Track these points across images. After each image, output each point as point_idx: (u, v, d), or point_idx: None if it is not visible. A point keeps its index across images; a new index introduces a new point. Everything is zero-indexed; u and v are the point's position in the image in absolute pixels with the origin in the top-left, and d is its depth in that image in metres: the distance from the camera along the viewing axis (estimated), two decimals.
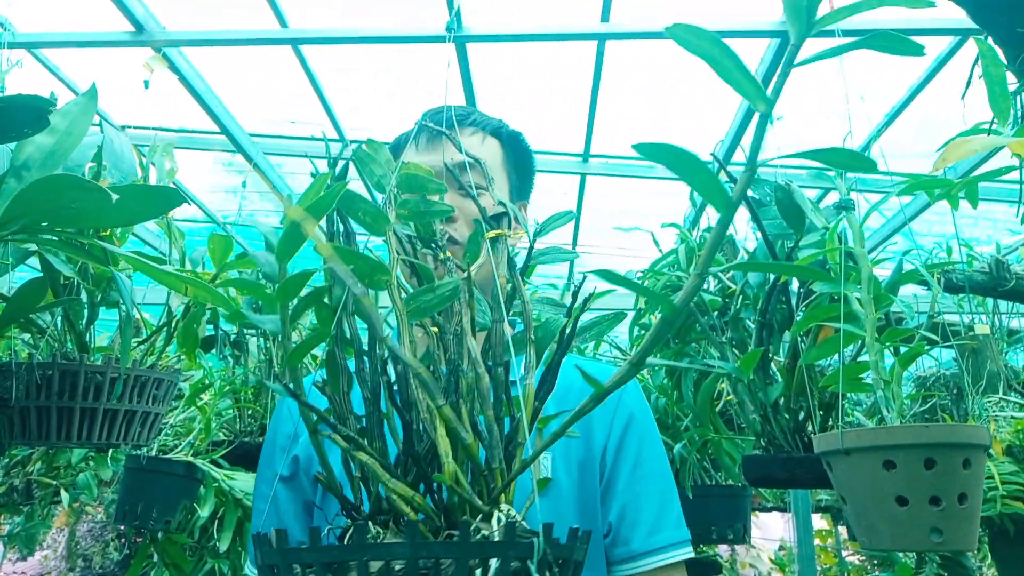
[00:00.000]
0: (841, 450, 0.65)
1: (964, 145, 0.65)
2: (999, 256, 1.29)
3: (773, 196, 0.96)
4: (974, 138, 0.68)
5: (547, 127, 3.10)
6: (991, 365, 1.68)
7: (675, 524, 0.89)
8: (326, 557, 0.41)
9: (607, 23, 2.26)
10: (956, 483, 0.59)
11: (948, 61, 2.36)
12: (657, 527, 0.87)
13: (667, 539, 0.87)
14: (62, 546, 4.54)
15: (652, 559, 0.85)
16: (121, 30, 2.21)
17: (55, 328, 1.09)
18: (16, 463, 1.98)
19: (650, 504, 0.88)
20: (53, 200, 0.56)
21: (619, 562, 0.86)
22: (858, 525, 0.66)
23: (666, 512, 0.89)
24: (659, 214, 3.33)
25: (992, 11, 0.97)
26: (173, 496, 1.70)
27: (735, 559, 4.11)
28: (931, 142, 0.87)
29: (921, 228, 3.45)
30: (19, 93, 0.57)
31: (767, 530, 5.35)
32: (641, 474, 0.90)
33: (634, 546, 0.86)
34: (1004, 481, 1.19)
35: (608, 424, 0.92)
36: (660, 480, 0.91)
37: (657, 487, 0.90)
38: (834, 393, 0.89)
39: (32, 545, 2.84)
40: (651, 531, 0.87)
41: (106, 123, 1.08)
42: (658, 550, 0.86)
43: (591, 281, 0.58)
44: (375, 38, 2.14)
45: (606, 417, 0.92)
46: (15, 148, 0.66)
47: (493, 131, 1.01)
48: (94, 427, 1.05)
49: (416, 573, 0.40)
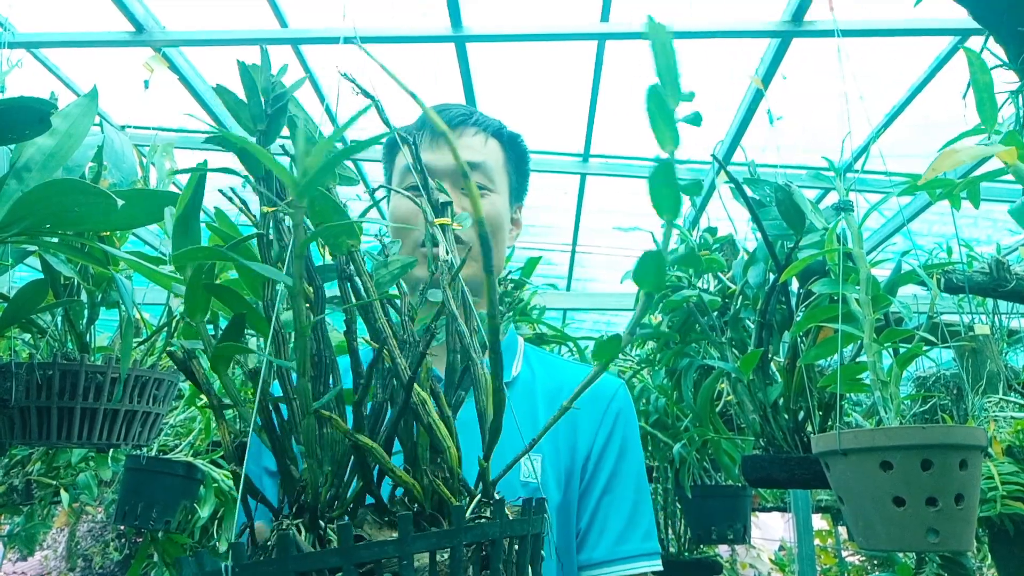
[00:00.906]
0: (839, 451, 0.65)
1: (953, 155, 0.65)
2: (999, 256, 1.29)
3: (773, 197, 0.96)
4: (962, 148, 0.68)
5: (547, 127, 3.10)
6: (991, 365, 1.68)
7: (643, 536, 0.90)
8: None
9: (607, 23, 2.27)
10: (953, 484, 0.60)
11: (948, 61, 2.36)
12: (625, 537, 0.88)
13: (633, 550, 0.87)
14: (62, 546, 4.55)
15: (615, 568, 0.86)
16: (121, 30, 2.22)
17: (55, 328, 1.10)
18: (16, 463, 1.98)
19: (620, 514, 0.89)
20: (56, 204, 0.56)
21: (584, 567, 0.87)
22: (856, 525, 0.66)
23: (636, 523, 0.89)
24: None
25: (993, 10, 0.97)
26: (173, 496, 1.70)
27: (735, 559, 4.11)
28: (931, 142, 0.88)
29: (921, 228, 3.46)
30: (21, 95, 0.57)
31: (767, 530, 5.35)
32: (616, 483, 0.91)
33: (598, 553, 0.87)
34: (1004, 481, 1.19)
35: (595, 430, 0.93)
36: (634, 492, 0.92)
37: (630, 498, 0.91)
38: (833, 393, 0.89)
39: (32, 545, 2.84)
40: (618, 540, 0.87)
41: (106, 123, 1.08)
42: (623, 559, 0.86)
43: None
44: (375, 38, 2.14)
45: (593, 424, 0.93)
46: (15, 149, 0.67)
47: (494, 132, 1.02)
48: (94, 427, 1.05)
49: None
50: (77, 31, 2.24)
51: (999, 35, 0.99)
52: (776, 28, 2.08)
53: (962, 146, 0.70)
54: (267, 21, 2.37)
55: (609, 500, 0.89)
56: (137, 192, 0.55)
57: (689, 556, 2.20)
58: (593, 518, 0.88)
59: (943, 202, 0.89)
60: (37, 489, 1.98)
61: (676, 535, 2.22)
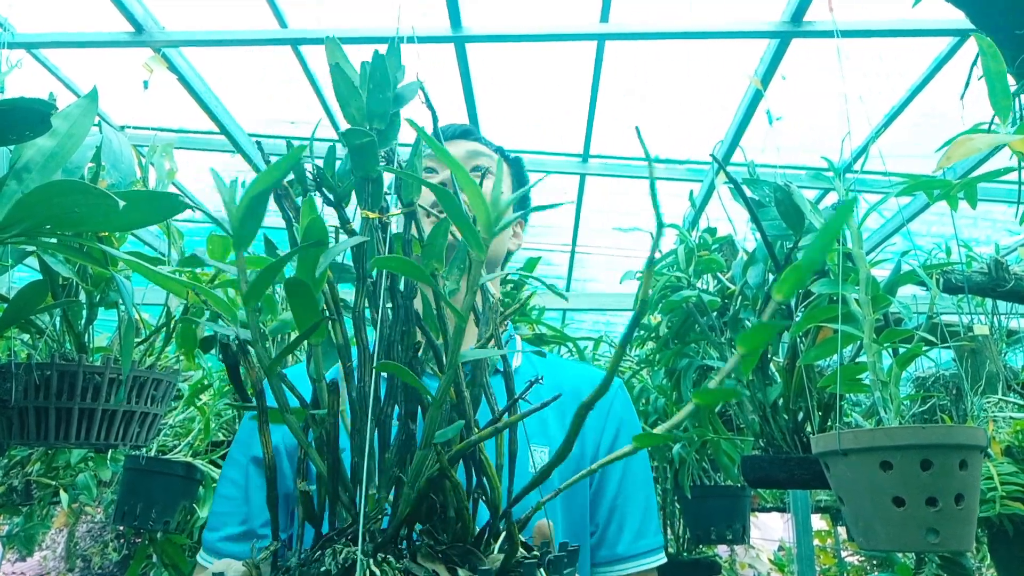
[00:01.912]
0: (839, 451, 0.65)
1: (967, 143, 0.65)
2: (998, 257, 1.30)
3: (772, 197, 0.96)
4: (977, 137, 0.68)
5: (547, 127, 3.10)
6: (990, 366, 1.68)
7: (655, 531, 0.95)
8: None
9: (607, 23, 2.27)
10: (952, 484, 0.59)
11: (948, 61, 2.36)
12: (641, 533, 0.93)
13: (649, 544, 0.93)
14: (61, 546, 4.55)
15: (636, 563, 0.91)
16: (121, 30, 2.21)
17: (54, 329, 1.10)
18: (15, 463, 1.98)
19: (636, 510, 0.94)
20: (57, 205, 0.56)
21: (605, 563, 0.91)
22: (855, 525, 0.66)
23: (648, 520, 0.95)
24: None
25: (991, 13, 0.97)
26: (172, 496, 1.70)
27: (734, 559, 4.11)
28: (931, 142, 0.87)
29: (920, 228, 3.46)
30: (21, 96, 0.57)
31: (766, 530, 5.35)
32: (629, 481, 0.95)
33: (620, 549, 0.91)
34: (1003, 482, 1.19)
35: (600, 429, 0.96)
36: (644, 488, 0.97)
37: (642, 495, 0.96)
38: (833, 394, 0.89)
39: (31, 545, 2.84)
40: (636, 536, 0.92)
41: (105, 123, 1.08)
42: (642, 554, 0.92)
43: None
44: (375, 38, 2.14)
45: (598, 422, 0.96)
46: (14, 150, 0.66)
47: (496, 149, 1.08)
48: (92, 427, 1.05)
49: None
50: (77, 31, 2.23)
51: (996, 38, 0.99)
52: (776, 28, 2.08)
53: (977, 135, 0.70)
54: (267, 21, 2.37)
55: (624, 499, 0.94)
56: (137, 193, 0.54)
57: (688, 556, 2.21)
58: (610, 516, 0.93)
59: (942, 202, 0.89)
60: (36, 489, 1.98)
61: (675, 535, 2.22)
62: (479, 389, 0.52)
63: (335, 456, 0.47)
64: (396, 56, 0.52)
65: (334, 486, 0.47)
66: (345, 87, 0.50)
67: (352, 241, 0.48)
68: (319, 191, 0.52)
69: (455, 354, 0.43)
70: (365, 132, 0.46)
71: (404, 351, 0.49)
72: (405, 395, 0.48)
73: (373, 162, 0.50)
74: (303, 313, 0.46)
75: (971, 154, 0.67)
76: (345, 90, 0.50)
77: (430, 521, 0.47)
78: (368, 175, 0.50)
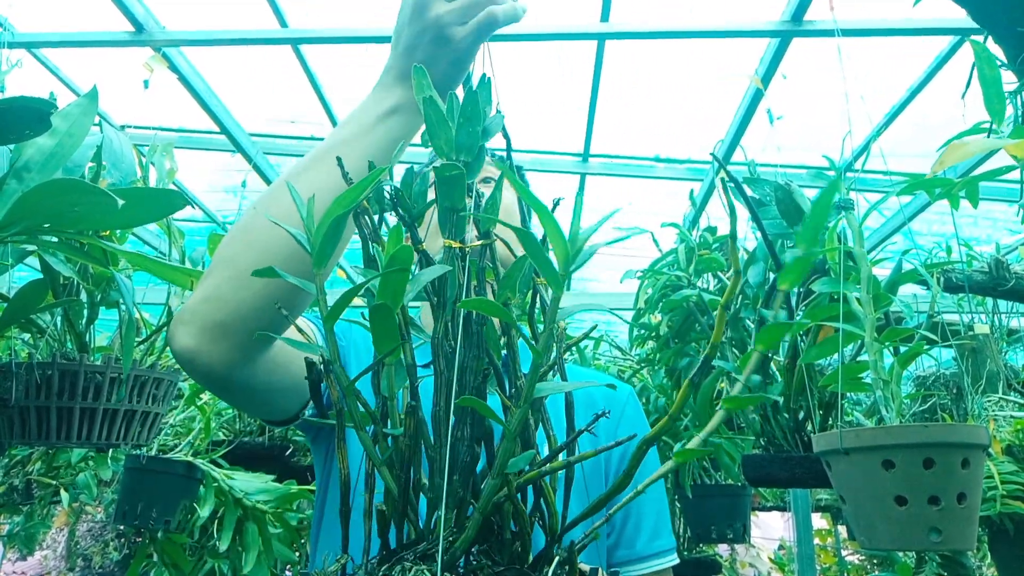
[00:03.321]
0: (840, 450, 0.65)
1: (962, 148, 0.65)
2: (999, 256, 1.30)
3: (773, 196, 0.96)
4: (972, 140, 0.68)
5: (547, 127, 3.10)
6: (991, 365, 1.68)
7: (669, 532, 0.97)
8: None
9: (607, 23, 2.27)
10: (955, 483, 0.59)
11: (948, 61, 2.36)
12: (657, 533, 0.95)
13: (664, 544, 0.95)
14: (62, 546, 4.55)
15: (653, 562, 0.93)
16: (121, 30, 2.21)
17: (55, 328, 1.09)
18: (16, 463, 1.98)
19: (651, 511, 0.96)
20: (57, 204, 0.56)
21: (624, 563, 0.93)
22: (857, 525, 0.66)
23: (662, 520, 0.97)
24: (659, 214, 3.33)
25: (992, 11, 0.97)
26: (173, 496, 1.70)
27: (735, 558, 4.11)
28: (931, 142, 0.87)
29: (920, 228, 3.46)
30: (21, 95, 0.57)
31: (767, 529, 5.35)
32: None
33: (638, 548, 0.93)
34: (1004, 481, 1.19)
35: (613, 432, 0.97)
36: (657, 489, 0.99)
37: (657, 495, 0.98)
38: (834, 393, 0.89)
39: (32, 545, 2.84)
40: (652, 536, 0.94)
41: (105, 123, 1.08)
42: (658, 554, 0.93)
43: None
44: (375, 38, 2.14)
45: (611, 425, 0.98)
46: (15, 149, 0.66)
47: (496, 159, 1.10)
48: (94, 427, 1.05)
49: None
50: (77, 31, 2.23)
51: (998, 35, 0.99)
52: (776, 28, 2.08)
53: (971, 139, 0.70)
54: (267, 21, 2.37)
55: (640, 500, 0.95)
56: (137, 191, 0.54)
57: (689, 555, 2.20)
58: (627, 517, 0.95)
59: (943, 201, 0.89)
60: (37, 489, 1.98)
61: (676, 534, 2.22)
62: (538, 415, 0.54)
63: (407, 475, 0.48)
64: (486, 91, 0.53)
65: (404, 504, 0.48)
66: (436, 119, 0.51)
67: (437, 270, 0.49)
68: (395, 211, 0.54)
69: (531, 388, 0.44)
70: (455, 165, 0.48)
71: (473, 376, 0.50)
72: (472, 418, 0.49)
73: (460, 194, 0.51)
74: (383, 335, 0.47)
75: (966, 158, 0.67)
76: (436, 122, 0.51)
77: (487, 542, 0.48)
78: (455, 207, 0.52)
